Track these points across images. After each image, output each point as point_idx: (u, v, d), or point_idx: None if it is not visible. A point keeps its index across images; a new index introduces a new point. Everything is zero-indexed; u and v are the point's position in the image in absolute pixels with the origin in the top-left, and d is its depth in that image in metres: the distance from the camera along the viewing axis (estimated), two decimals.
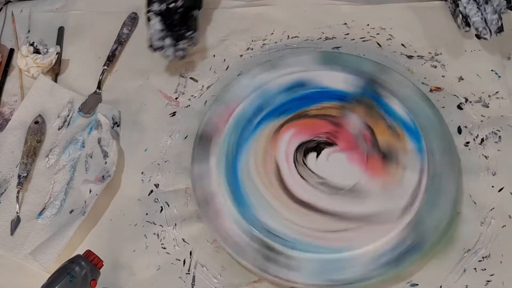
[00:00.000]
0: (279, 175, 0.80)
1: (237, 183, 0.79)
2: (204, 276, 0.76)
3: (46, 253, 0.76)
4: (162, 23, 0.87)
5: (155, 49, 0.87)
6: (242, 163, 0.81)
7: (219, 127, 0.84)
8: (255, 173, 0.80)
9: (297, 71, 0.88)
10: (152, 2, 0.88)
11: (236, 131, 0.83)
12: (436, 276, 0.74)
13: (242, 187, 0.79)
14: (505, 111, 0.86)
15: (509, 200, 0.79)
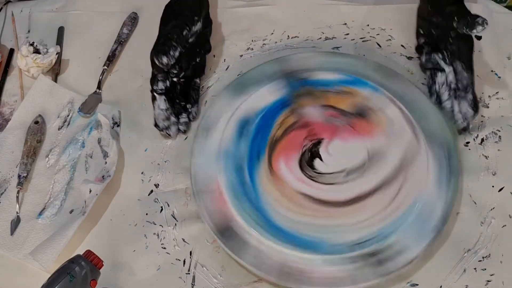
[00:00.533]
0: (309, 197, 0.78)
1: (273, 225, 0.76)
2: (204, 276, 0.76)
3: (46, 253, 0.76)
4: (166, 102, 0.85)
5: (161, 130, 0.86)
6: (269, 209, 0.77)
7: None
8: (286, 210, 0.77)
9: (231, 114, 0.85)
10: (157, 80, 0.85)
11: (237, 182, 0.80)
12: (436, 276, 0.74)
13: (282, 228, 0.76)
14: (505, 111, 0.86)
15: (509, 200, 0.79)
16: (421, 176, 0.78)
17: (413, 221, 0.75)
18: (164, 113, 0.85)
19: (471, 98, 0.81)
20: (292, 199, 0.78)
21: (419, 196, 0.77)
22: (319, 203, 0.78)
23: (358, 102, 0.85)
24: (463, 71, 0.81)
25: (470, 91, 0.81)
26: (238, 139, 0.83)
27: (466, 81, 0.81)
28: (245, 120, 0.84)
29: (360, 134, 0.82)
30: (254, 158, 0.81)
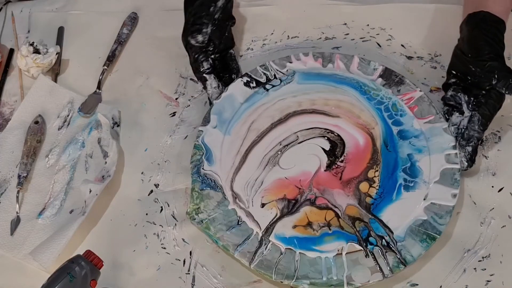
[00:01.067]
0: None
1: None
2: (204, 276, 0.76)
3: (46, 253, 0.76)
4: (216, 79, 0.88)
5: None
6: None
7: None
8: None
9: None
10: (201, 62, 0.87)
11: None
12: (436, 276, 0.74)
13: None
14: (505, 111, 0.85)
15: (509, 200, 0.79)
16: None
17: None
18: (217, 90, 0.87)
19: (469, 151, 0.79)
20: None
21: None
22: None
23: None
24: (476, 124, 0.79)
25: (471, 145, 0.79)
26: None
27: (473, 134, 0.79)
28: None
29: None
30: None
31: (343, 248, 0.74)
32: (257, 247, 0.75)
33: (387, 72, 0.88)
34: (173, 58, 0.95)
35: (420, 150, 0.81)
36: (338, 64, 0.89)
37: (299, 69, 0.89)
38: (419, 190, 0.78)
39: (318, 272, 0.73)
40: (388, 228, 0.75)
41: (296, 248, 0.75)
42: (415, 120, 0.84)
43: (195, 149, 0.82)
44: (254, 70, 0.89)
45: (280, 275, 0.73)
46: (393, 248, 0.74)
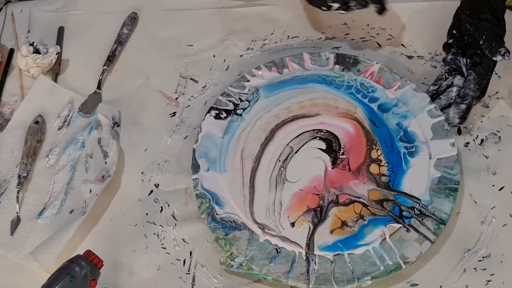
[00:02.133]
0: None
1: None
2: (204, 276, 0.76)
3: (46, 253, 0.76)
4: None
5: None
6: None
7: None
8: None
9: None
10: None
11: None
12: (436, 276, 0.74)
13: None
14: (505, 111, 0.86)
15: (509, 199, 0.79)
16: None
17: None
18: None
19: (462, 108, 0.81)
20: None
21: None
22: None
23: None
24: (472, 83, 0.80)
25: (465, 103, 0.81)
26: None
27: (468, 92, 0.81)
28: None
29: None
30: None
31: (384, 233, 0.75)
32: (307, 266, 0.74)
33: (339, 57, 0.90)
34: (173, 58, 0.95)
35: (405, 116, 0.84)
36: (293, 66, 0.90)
37: (259, 84, 0.89)
38: (422, 152, 0.81)
39: (374, 264, 0.73)
40: (414, 197, 0.77)
41: (344, 251, 0.74)
42: (387, 91, 0.86)
43: (199, 198, 0.79)
44: (217, 101, 0.87)
45: (341, 283, 0.72)
46: (427, 213, 0.76)
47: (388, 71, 0.88)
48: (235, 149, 0.83)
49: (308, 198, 0.79)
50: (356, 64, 0.89)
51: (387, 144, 0.82)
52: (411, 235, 0.75)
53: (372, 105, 0.86)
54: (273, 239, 0.76)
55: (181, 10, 1.01)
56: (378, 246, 0.74)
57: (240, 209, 0.78)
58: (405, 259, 0.73)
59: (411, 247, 0.74)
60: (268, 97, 0.87)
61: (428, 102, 0.84)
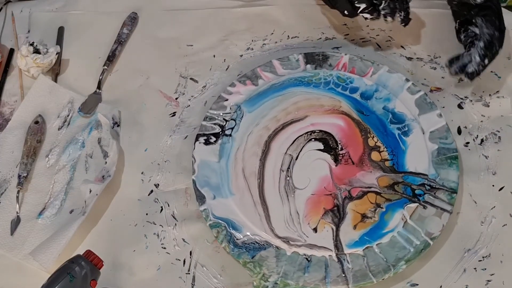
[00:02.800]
0: None
1: None
2: (204, 276, 0.76)
3: (46, 253, 0.76)
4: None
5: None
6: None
7: None
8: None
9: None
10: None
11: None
12: (436, 276, 0.74)
13: None
14: (505, 111, 0.86)
15: (509, 199, 0.79)
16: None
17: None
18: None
19: (481, 46, 0.82)
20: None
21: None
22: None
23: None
24: (483, 23, 0.82)
25: (482, 39, 0.82)
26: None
27: (482, 30, 0.82)
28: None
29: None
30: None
31: (404, 215, 0.76)
32: (341, 267, 0.73)
33: (308, 56, 0.91)
34: (173, 58, 0.95)
35: (389, 99, 0.86)
36: (266, 76, 0.89)
37: (239, 100, 0.87)
38: (415, 129, 0.83)
39: (403, 248, 0.74)
40: (421, 174, 0.79)
41: (372, 243, 0.75)
42: (364, 79, 0.88)
43: (214, 228, 0.76)
44: (202, 127, 0.85)
45: (379, 275, 0.72)
46: (437, 186, 0.78)
47: (359, 59, 0.89)
48: (235, 170, 0.82)
49: (322, 200, 0.79)
50: (326, 60, 0.90)
51: (380, 130, 0.83)
52: (429, 211, 0.76)
53: (354, 95, 0.87)
54: (300, 249, 0.75)
55: (181, 10, 1.01)
56: (402, 230, 0.75)
57: (259, 228, 0.77)
58: (431, 235, 0.74)
59: (432, 223, 0.75)
60: (251, 111, 0.86)
61: (405, 81, 0.87)
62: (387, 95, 0.86)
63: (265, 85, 0.89)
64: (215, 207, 0.78)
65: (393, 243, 0.74)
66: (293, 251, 0.75)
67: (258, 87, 0.88)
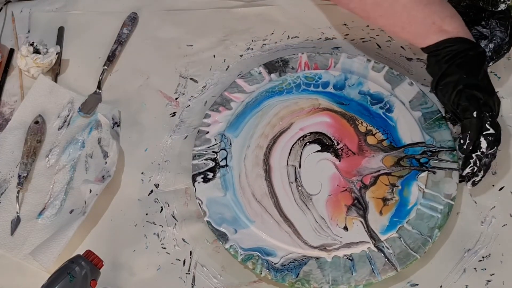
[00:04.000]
0: None
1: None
2: (204, 276, 0.76)
3: (46, 253, 0.76)
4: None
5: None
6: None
7: None
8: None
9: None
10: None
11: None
12: (436, 276, 0.74)
13: None
14: (505, 111, 0.86)
15: (509, 199, 0.79)
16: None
17: None
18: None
19: (491, 48, 0.84)
20: None
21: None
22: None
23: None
24: (496, 26, 0.84)
25: (494, 42, 0.84)
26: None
27: (494, 32, 0.84)
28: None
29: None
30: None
31: (420, 186, 0.78)
32: (384, 255, 0.74)
33: (269, 66, 0.91)
34: (173, 58, 0.95)
35: (360, 83, 0.88)
36: (236, 97, 0.88)
37: (220, 129, 0.85)
38: (395, 104, 0.86)
39: (431, 217, 0.76)
40: (419, 143, 0.82)
41: (402, 222, 0.76)
42: (329, 72, 0.89)
43: (248, 262, 0.74)
44: (195, 167, 0.82)
45: (420, 249, 0.74)
46: (436, 149, 0.81)
47: (317, 54, 0.91)
48: (246, 197, 0.79)
49: (340, 199, 0.79)
50: (287, 64, 0.91)
51: (365, 114, 0.85)
52: (439, 175, 0.79)
53: (328, 89, 0.88)
54: (339, 252, 0.75)
55: (181, 10, 1.01)
56: (423, 200, 0.77)
57: (292, 246, 0.75)
58: (450, 196, 0.77)
59: (447, 184, 0.78)
60: (237, 135, 0.85)
61: (366, 62, 0.89)
62: (356, 80, 0.88)
63: (240, 106, 0.87)
64: (240, 241, 0.76)
65: (421, 216, 0.76)
66: (333, 255, 0.75)
67: (234, 110, 0.87)
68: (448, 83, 0.79)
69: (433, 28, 0.80)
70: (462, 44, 0.79)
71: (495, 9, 0.83)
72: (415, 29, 0.81)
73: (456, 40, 0.79)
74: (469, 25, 0.86)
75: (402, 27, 0.81)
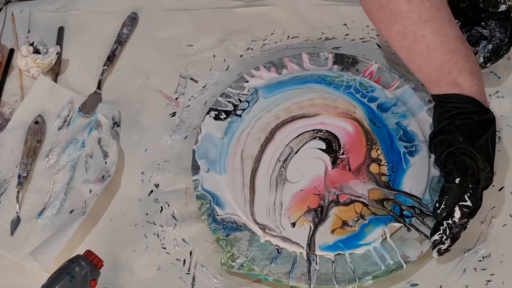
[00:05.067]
0: None
1: None
2: (204, 276, 0.76)
3: (46, 253, 0.76)
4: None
5: None
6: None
7: None
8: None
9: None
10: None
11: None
12: (436, 276, 0.74)
13: None
14: (505, 111, 0.86)
15: (509, 199, 0.79)
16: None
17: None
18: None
19: (489, 49, 0.84)
20: None
21: None
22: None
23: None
24: (496, 27, 0.83)
25: (492, 42, 0.84)
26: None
27: (493, 33, 0.83)
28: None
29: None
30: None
31: (385, 232, 0.75)
32: (308, 266, 0.73)
33: (338, 57, 0.90)
34: (173, 58, 0.95)
35: (405, 116, 0.84)
36: (292, 67, 0.90)
37: (258, 85, 0.88)
38: (422, 151, 0.81)
39: (375, 264, 0.73)
40: (414, 197, 0.77)
41: (345, 251, 0.74)
42: (386, 91, 0.87)
43: (199, 199, 0.78)
44: (216, 102, 0.87)
45: (343, 283, 0.72)
46: (428, 212, 0.76)
47: (387, 70, 0.89)
48: (235, 150, 0.83)
49: (308, 198, 0.79)
50: (355, 64, 0.90)
51: (387, 144, 0.82)
52: (412, 234, 0.75)
53: (372, 105, 0.86)
54: (274, 239, 0.76)
55: (181, 10, 1.01)
56: (379, 246, 0.74)
57: (240, 210, 0.78)
58: (406, 258, 0.73)
59: (412, 246, 0.74)
60: (267, 97, 0.87)
61: (427, 101, 0.84)
62: (404, 111, 0.85)
63: (288, 75, 0.89)
64: (206, 180, 0.80)
65: (366, 257, 0.74)
66: (267, 239, 0.76)
67: (281, 76, 0.89)
68: (443, 140, 0.74)
69: (448, 78, 0.74)
70: (471, 105, 0.73)
71: (495, 10, 0.83)
72: (430, 72, 0.76)
73: (466, 98, 0.73)
74: (468, 25, 0.87)
75: (418, 66, 0.77)
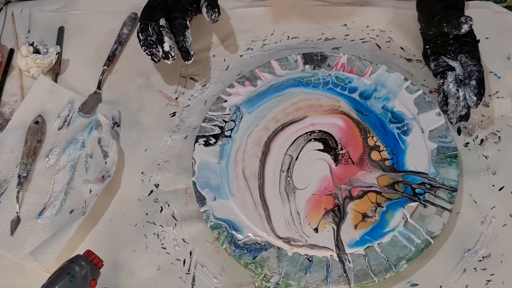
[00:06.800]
0: None
1: None
2: (204, 276, 0.76)
3: (46, 253, 0.76)
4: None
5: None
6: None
7: None
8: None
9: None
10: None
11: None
12: (436, 276, 0.74)
13: None
14: (505, 111, 0.86)
15: (509, 199, 0.79)
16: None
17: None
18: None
19: (473, 84, 0.81)
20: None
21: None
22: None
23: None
24: (468, 60, 0.82)
25: (474, 78, 0.81)
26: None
27: (470, 68, 0.82)
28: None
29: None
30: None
31: (405, 214, 0.76)
32: (343, 267, 0.73)
33: (307, 56, 0.91)
34: None
35: (388, 98, 0.86)
36: (265, 76, 0.90)
37: (238, 101, 0.87)
38: (414, 128, 0.83)
39: (404, 247, 0.74)
40: (421, 173, 0.79)
41: (373, 242, 0.75)
42: (362, 79, 0.88)
43: (214, 230, 0.76)
44: (202, 129, 0.85)
45: (381, 274, 0.72)
46: (437, 184, 0.78)
47: (357, 59, 0.90)
48: (236, 171, 0.82)
49: (322, 201, 0.79)
50: (325, 60, 0.90)
51: (380, 129, 0.84)
52: (429, 210, 0.76)
53: (353, 95, 0.87)
54: (301, 249, 0.75)
55: None
56: (403, 229, 0.75)
57: (260, 229, 0.77)
58: (431, 234, 0.75)
59: (433, 221, 0.75)
60: (251, 112, 0.86)
61: (403, 80, 0.87)
62: (386, 94, 0.86)
63: (264, 85, 0.89)
64: (215, 209, 0.78)
65: (394, 242, 0.75)
66: (295, 251, 0.75)
67: (257, 88, 0.89)
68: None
69: None
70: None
71: (459, 31, 0.80)
72: None
73: None
74: (436, 54, 0.87)
75: None
